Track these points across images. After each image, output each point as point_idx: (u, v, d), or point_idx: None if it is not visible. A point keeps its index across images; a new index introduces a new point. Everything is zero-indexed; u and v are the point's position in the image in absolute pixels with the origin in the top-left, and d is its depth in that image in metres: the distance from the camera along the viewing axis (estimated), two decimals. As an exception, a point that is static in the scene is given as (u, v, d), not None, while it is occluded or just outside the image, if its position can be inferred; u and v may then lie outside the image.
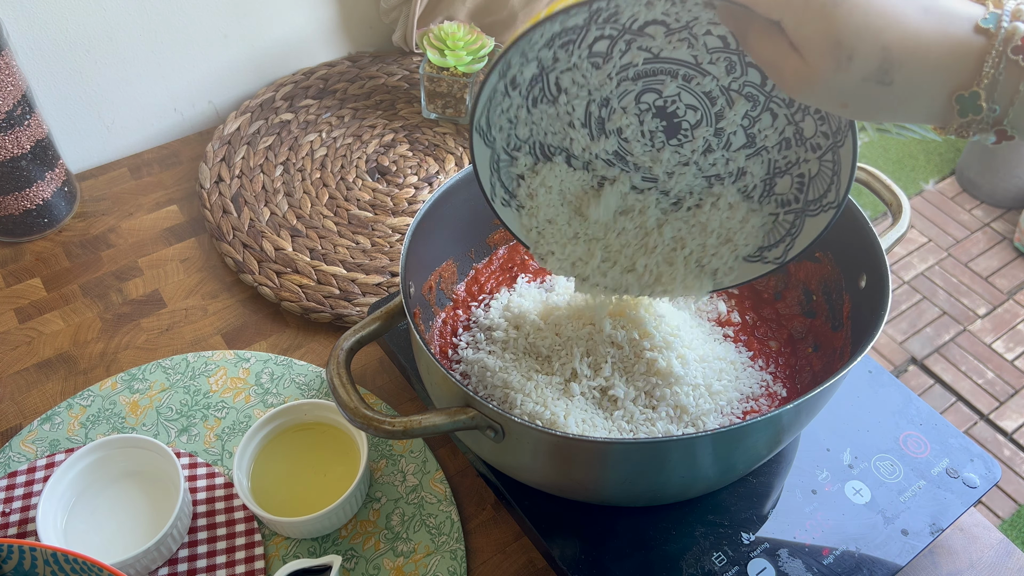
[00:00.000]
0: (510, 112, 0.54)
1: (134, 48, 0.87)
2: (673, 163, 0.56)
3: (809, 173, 0.54)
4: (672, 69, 0.51)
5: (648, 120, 0.54)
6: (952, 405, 1.80)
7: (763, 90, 0.51)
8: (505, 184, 0.57)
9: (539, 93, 0.54)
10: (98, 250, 0.81)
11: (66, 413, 0.66)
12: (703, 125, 0.54)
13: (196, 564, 0.58)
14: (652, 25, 0.50)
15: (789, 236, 0.56)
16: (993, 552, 0.62)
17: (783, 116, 0.52)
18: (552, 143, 0.56)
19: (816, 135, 0.52)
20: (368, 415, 0.49)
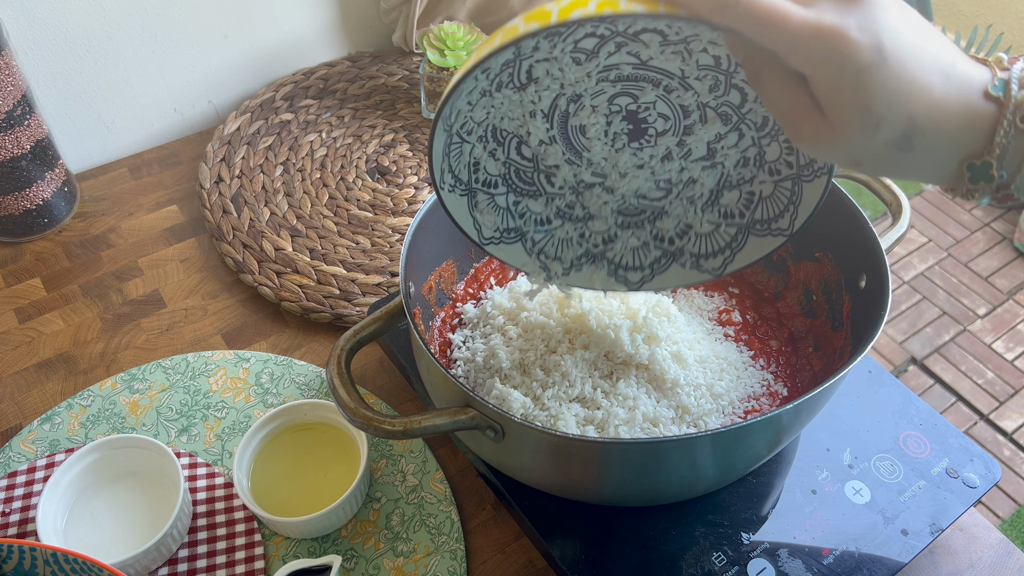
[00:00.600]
0: (472, 95, 0.51)
1: (134, 48, 0.87)
2: (629, 165, 0.55)
3: (761, 193, 0.53)
4: (656, 79, 0.50)
5: (616, 122, 0.53)
6: (952, 405, 1.80)
7: (739, 111, 0.51)
8: (454, 170, 0.54)
9: (507, 79, 0.51)
10: (98, 250, 0.81)
11: (66, 413, 0.66)
12: (669, 134, 0.53)
13: (196, 564, 0.58)
14: (648, 33, 0.48)
15: (729, 249, 0.56)
16: (993, 552, 0.62)
17: (750, 137, 0.52)
18: (506, 128, 0.54)
19: (779, 160, 0.52)
20: (368, 415, 0.49)
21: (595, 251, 0.59)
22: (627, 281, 0.59)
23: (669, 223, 0.58)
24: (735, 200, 0.55)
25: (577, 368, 0.60)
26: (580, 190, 0.57)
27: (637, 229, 0.58)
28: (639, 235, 0.58)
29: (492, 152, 0.56)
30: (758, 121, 0.51)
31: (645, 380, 0.59)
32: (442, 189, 0.53)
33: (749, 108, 0.50)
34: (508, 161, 0.56)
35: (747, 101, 0.50)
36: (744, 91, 0.50)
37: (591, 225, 0.59)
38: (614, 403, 0.58)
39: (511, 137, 0.55)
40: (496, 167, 0.56)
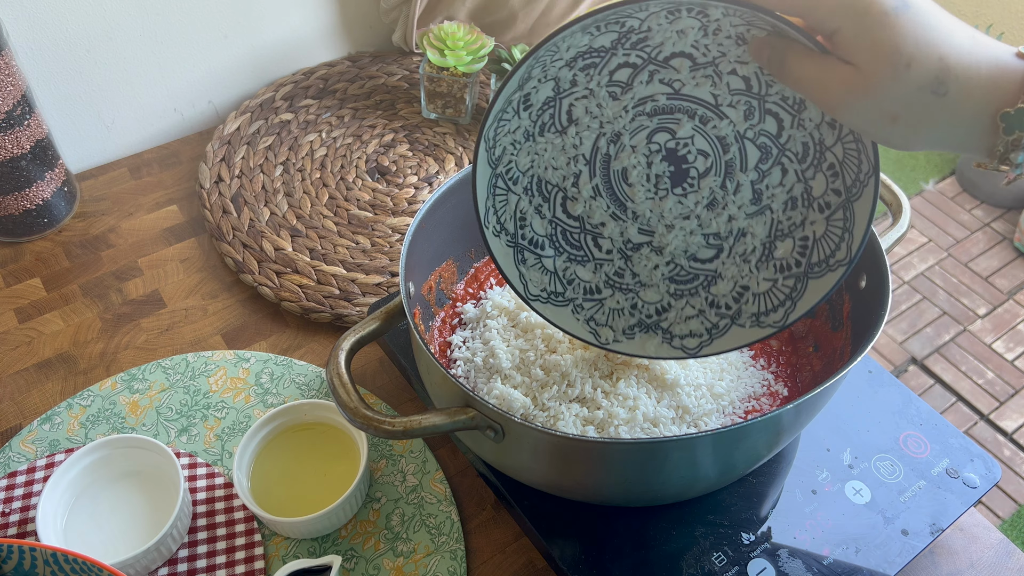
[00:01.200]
0: (516, 134, 0.52)
1: (134, 48, 0.87)
2: (675, 215, 0.54)
3: (814, 235, 0.51)
4: (690, 108, 0.50)
5: (656, 163, 0.53)
6: (952, 405, 1.80)
7: (777, 142, 0.50)
8: (500, 217, 0.55)
9: (548, 120, 0.52)
10: (98, 250, 0.81)
11: (66, 413, 0.66)
12: (711, 174, 0.52)
13: (196, 564, 0.58)
14: (678, 58, 0.49)
15: (790, 300, 0.53)
16: (993, 552, 0.62)
17: (793, 172, 0.51)
18: (552, 180, 0.55)
19: (826, 193, 0.50)
20: (368, 415, 0.49)
21: (648, 321, 0.58)
22: (684, 348, 0.57)
23: (724, 287, 0.56)
24: (790, 250, 0.53)
25: (577, 368, 0.60)
26: (628, 253, 0.56)
27: (691, 297, 0.57)
28: (694, 303, 0.57)
29: (538, 209, 0.56)
30: (798, 151, 0.50)
31: (645, 380, 0.59)
32: (486, 229, 0.54)
33: (788, 136, 0.50)
34: (555, 220, 0.56)
35: (784, 129, 0.50)
36: (780, 117, 0.49)
37: (643, 295, 0.57)
38: (614, 403, 0.58)
39: (556, 192, 0.55)
40: (543, 226, 0.56)
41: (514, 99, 0.50)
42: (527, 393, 0.59)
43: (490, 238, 0.55)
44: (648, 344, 0.58)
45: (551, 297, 0.58)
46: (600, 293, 0.58)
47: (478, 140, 0.50)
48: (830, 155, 0.49)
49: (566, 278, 0.58)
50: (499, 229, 0.55)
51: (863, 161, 0.47)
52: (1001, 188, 2.20)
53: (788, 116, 0.49)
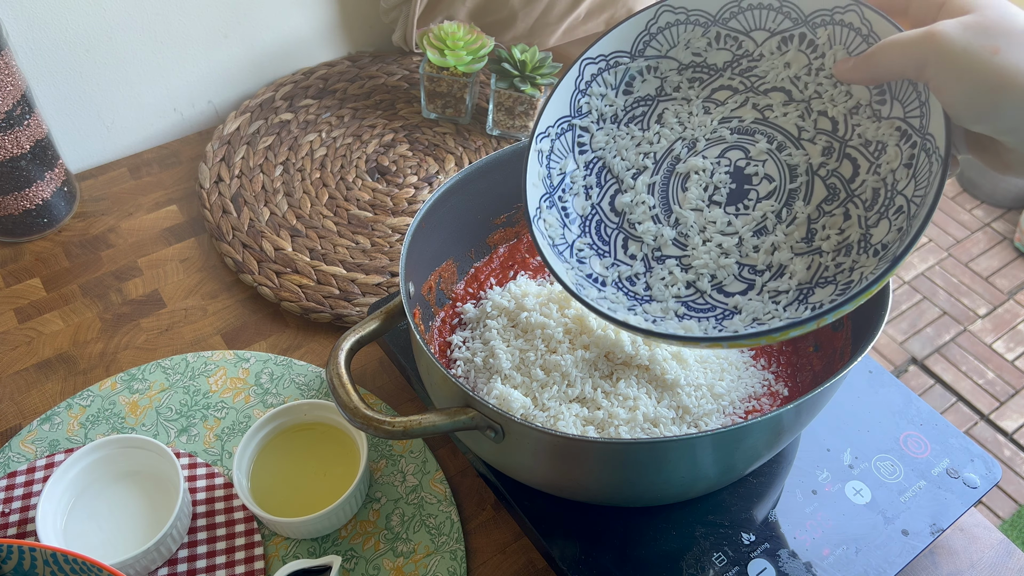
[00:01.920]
0: (606, 108, 0.53)
1: (134, 48, 0.87)
2: (717, 228, 0.52)
3: (860, 277, 0.48)
4: (771, 134, 0.51)
5: (720, 174, 0.53)
6: (952, 405, 1.80)
7: (848, 186, 0.49)
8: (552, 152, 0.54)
9: (639, 115, 0.54)
10: (98, 250, 0.81)
11: (66, 413, 0.66)
12: (771, 199, 0.51)
13: (196, 564, 0.58)
14: (777, 91, 0.50)
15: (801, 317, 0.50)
16: (993, 552, 0.62)
17: (857, 218, 0.49)
18: (614, 168, 0.55)
19: (887, 235, 0.47)
20: (368, 415, 0.49)
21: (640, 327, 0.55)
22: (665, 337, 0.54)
23: (740, 321, 0.52)
24: (828, 295, 0.49)
25: (577, 368, 0.60)
26: (652, 263, 0.55)
27: (697, 322, 0.53)
28: (700, 326, 0.53)
29: (587, 188, 0.56)
30: (868, 197, 0.49)
31: (645, 380, 0.59)
32: (534, 143, 0.54)
33: (861, 182, 0.49)
34: (597, 207, 0.56)
35: (859, 175, 0.49)
36: (857, 163, 0.49)
37: (646, 307, 0.55)
38: (614, 403, 0.58)
39: (612, 183, 0.56)
40: (582, 206, 0.56)
41: (623, 66, 0.52)
42: (527, 393, 0.59)
43: (532, 155, 0.54)
44: (631, 318, 0.55)
45: (556, 247, 0.56)
46: (603, 286, 0.57)
47: (577, 62, 0.51)
48: (900, 198, 0.47)
49: (578, 256, 0.57)
50: (543, 162, 0.55)
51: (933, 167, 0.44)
52: (1001, 188, 2.20)
53: (866, 162, 0.49)
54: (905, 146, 0.47)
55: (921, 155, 0.46)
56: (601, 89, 0.53)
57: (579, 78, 0.53)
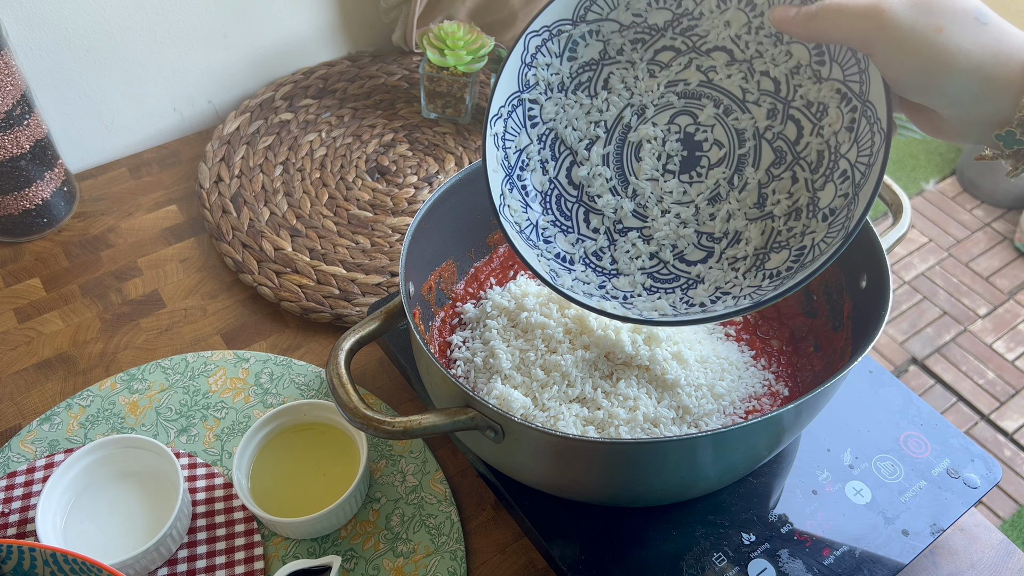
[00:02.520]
0: (553, 77, 0.53)
1: (134, 48, 0.87)
2: (674, 198, 0.54)
3: (812, 242, 0.50)
4: (718, 97, 0.51)
5: (671, 142, 0.53)
6: (953, 405, 1.80)
7: (793, 149, 0.50)
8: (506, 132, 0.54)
9: (585, 81, 0.54)
10: (97, 250, 0.81)
11: (65, 413, 0.66)
12: (722, 165, 0.52)
13: (196, 564, 0.58)
14: (719, 51, 0.50)
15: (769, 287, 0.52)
16: (994, 552, 0.62)
17: (804, 181, 0.50)
18: (567, 139, 0.55)
19: (833, 201, 0.49)
20: (368, 415, 0.49)
21: (611, 297, 0.56)
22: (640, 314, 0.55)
23: (704, 291, 0.54)
24: (783, 260, 0.51)
25: (577, 368, 0.60)
26: (615, 236, 0.56)
27: (665, 295, 0.55)
28: (668, 299, 0.55)
29: (543, 163, 0.56)
30: (813, 160, 0.50)
31: (646, 380, 0.59)
32: (489, 128, 0.53)
33: (805, 144, 0.50)
34: (554, 181, 0.56)
35: (803, 136, 0.50)
36: (800, 124, 0.50)
37: (615, 282, 0.56)
38: (614, 403, 0.58)
39: (567, 154, 0.56)
40: (540, 182, 0.56)
41: (565, 33, 0.52)
42: (527, 393, 0.59)
43: (489, 141, 0.54)
44: (605, 305, 0.56)
45: (523, 232, 0.56)
46: (572, 265, 0.57)
47: (521, 37, 0.51)
48: (844, 162, 0.49)
49: (543, 236, 0.57)
50: (499, 144, 0.55)
51: (876, 138, 0.46)
52: (1001, 188, 2.20)
53: (809, 124, 0.50)
54: (846, 110, 0.48)
55: (862, 121, 0.47)
56: (546, 59, 0.53)
57: (524, 52, 0.52)
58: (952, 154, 2.38)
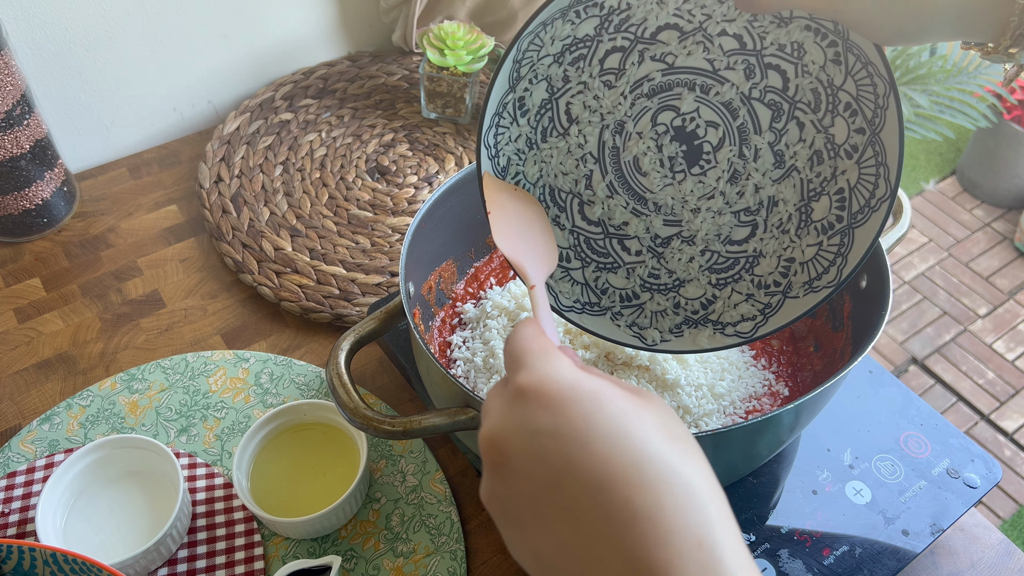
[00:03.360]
0: (519, 143, 0.51)
1: (134, 48, 0.87)
2: (697, 196, 0.52)
3: (849, 184, 0.48)
4: (689, 80, 0.48)
5: (667, 144, 0.50)
6: (953, 405, 1.80)
7: (785, 95, 0.48)
8: None
9: (548, 123, 0.50)
10: (97, 250, 0.81)
11: (65, 413, 0.66)
12: (726, 145, 0.50)
13: (195, 564, 0.58)
14: (665, 30, 0.47)
15: (840, 256, 0.50)
16: (994, 552, 0.62)
17: (811, 124, 0.48)
18: (564, 187, 0.53)
19: (849, 136, 0.47)
20: (368, 415, 0.49)
21: (695, 317, 0.55)
22: (739, 334, 0.54)
23: (768, 265, 0.53)
24: (828, 208, 0.50)
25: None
26: (659, 250, 0.54)
27: (736, 283, 0.53)
28: (740, 288, 0.54)
29: (556, 220, 0.54)
30: (809, 100, 0.47)
31: (646, 380, 0.59)
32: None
33: (795, 87, 0.47)
34: (575, 229, 0.54)
35: (789, 80, 0.47)
36: (782, 69, 0.47)
37: (684, 292, 0.55)
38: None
39: (571, 199, 0.54)
40: (564, 238, 0.54)
41: (508, 102, 0.49)
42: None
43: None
44: (699, 338, 0.55)
45: (585, 308, 0.55)
46: (638, 298, 0.55)
47: (478, 147, 0.49)
48: (843, 94, 0.46)
49: (599, 287, 0.56)
50: None
51: (877, 84, 0.44)
52: (1002, 188, 2.20)
53: (790, 65, 0.47)
54: (824, 44, 0.45)
55: (848, 55, 0.45)
56: (505, 134, 0.50)
57: (489, 150, 0.50)
58: (952, 154, 2.38)
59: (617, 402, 0.29)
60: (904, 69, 1.68)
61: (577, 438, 0.28)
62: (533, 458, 0.29)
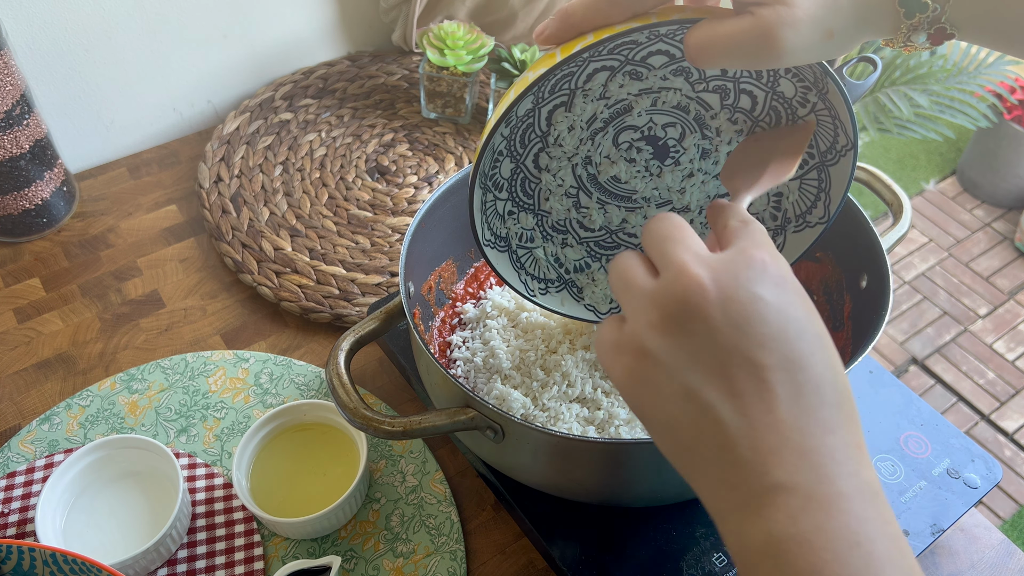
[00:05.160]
0: (503, 209, 0.54)
1: (134, 48, 0.87)
2: (679, 180, 0.54)
3: (787, 192, 0.53)
4: (634, 102, 0.50)
5: (636, 155, 0.53)
6: (953, 405, 1.80)
7: (727, 76, 0.49)
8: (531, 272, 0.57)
9: (521, 181, 0.53)
10: (97, 250, 0.81)
11: (65, 413, 0.66)
12: (688, 135, 0.52)
13: (195, 565, 0.58)
14: (596, 74, 0.48)
15: (823, 192, 0.53)
16: (994, 552, 0.62)
17: (758, 89, 0.50)
18: (559, 218, 0.56)
19: (797, 92, 0.49)
20: (368, 415, 0.49)
21: None
22: None
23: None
24: (761, 207, 0.54)
25: (577, 368, 0.60)
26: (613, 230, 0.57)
27: None
28: None
29: (564, 242, 0.57)
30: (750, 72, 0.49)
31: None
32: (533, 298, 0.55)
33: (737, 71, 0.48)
34: (584, 240, 0.57)
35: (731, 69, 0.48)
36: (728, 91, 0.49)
37: None
38: (615, 403, 0.58)
39: (569, 222, 0.56)
40: (578, 252, 0.57)
41: (487, 198, 0.52)
42: (527, 393, 0.59)
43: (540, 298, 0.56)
44: None
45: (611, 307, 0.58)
46: (589, 268, 0.58)
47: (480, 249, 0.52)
48: None
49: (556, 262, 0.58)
50: (543, 288, 0.57)
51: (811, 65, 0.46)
52: (1002, 188, 2.20)
53: None
54: None
55: None
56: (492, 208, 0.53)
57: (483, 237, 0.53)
58: (952, 154, 2.38)
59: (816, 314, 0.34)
60: (904, 68, 1.68)
61: (798, 319, 0.32)
62: (746, 317, 0.32)
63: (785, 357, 0.31)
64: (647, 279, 0.35)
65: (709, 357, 0.32)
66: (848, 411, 0.32)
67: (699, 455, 0.33)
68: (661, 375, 0.33)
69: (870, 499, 0.31)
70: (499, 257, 0.55)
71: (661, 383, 0.33)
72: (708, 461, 0.32)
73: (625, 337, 0.34)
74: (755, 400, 0.31)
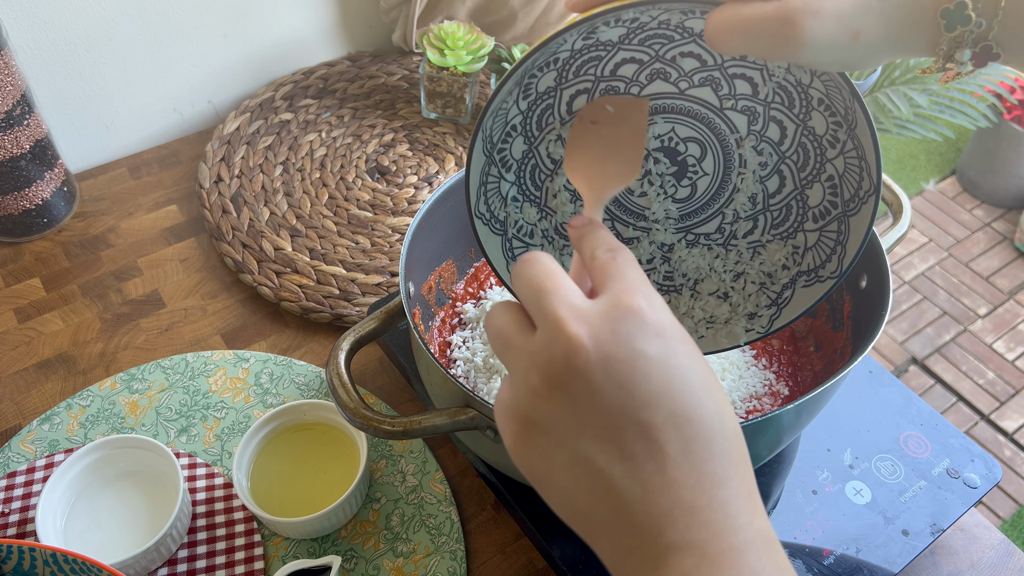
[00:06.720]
0: (510, 194, 0.52)
1: (134, 48, 0.87)
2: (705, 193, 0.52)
3: (837, 172, 0.49)
4: (658, 105, 0.49)
5: (654, 166, 0.51)
6: (953, 405, 1.80)
7: (758, 99, 0.48)
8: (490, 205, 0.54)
9: (533, 169, 0.52)
10: (97, 250, 0.81)
11: (65, 413, 0.66)
12: (710, 152, 0.51)
13: (195, 564, 0.58)
14: (624, 65, 0.47)
15: (839, 245, 0.51)
16: (994, 552, 0.62)
17: (789, 120, 0.48)
18: (563, 222, 0.54)
19: (828, 128, 0.48)
20: (368, 415, 0.49)
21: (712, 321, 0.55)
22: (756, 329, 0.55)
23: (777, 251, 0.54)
24: (822, 195, 0.51)
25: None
26: (667, 256, 0.55)
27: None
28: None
29: (564, 249, 0.55)
30: (782, 98, 0.48)
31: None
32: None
33: (766, 91, 0.47)
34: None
35: (758, 85, 0.47)
36: (748, 77, 0.47)
37: (700, 287, 0.55)
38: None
39: None
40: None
41: (490, 168, 0.51)
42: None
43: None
44: (719, 337, 0.55)
45: None
46: None
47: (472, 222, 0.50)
48: (814, 91, 0.47)
49: None
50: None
51: (842, 85, 0.44)
52: (1002, 188, 2.20)
53: (755, 71, 0.47)
54: None
55: None
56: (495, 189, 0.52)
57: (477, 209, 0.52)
58: (952, 154, 2.38)
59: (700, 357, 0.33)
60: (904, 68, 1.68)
61: (682, 369, 0.31)
62: (629, 376, 0.31)
63: (672, 413, 0.31)
64: (525, 338, 0.33)
65: (596, 421, 0.31)
66: (738, 459, 0.32)
67: (595, 521, 0.32)
68: (551, 443, 0.32)
69: (763, 549, 0.30)
70: (490, 237, 0.53)
71: (550, 451, 0.32)
72: (605, 526, 0.32)
73: (513, 402, 0.33)
74: (646, 461, 0.30)
